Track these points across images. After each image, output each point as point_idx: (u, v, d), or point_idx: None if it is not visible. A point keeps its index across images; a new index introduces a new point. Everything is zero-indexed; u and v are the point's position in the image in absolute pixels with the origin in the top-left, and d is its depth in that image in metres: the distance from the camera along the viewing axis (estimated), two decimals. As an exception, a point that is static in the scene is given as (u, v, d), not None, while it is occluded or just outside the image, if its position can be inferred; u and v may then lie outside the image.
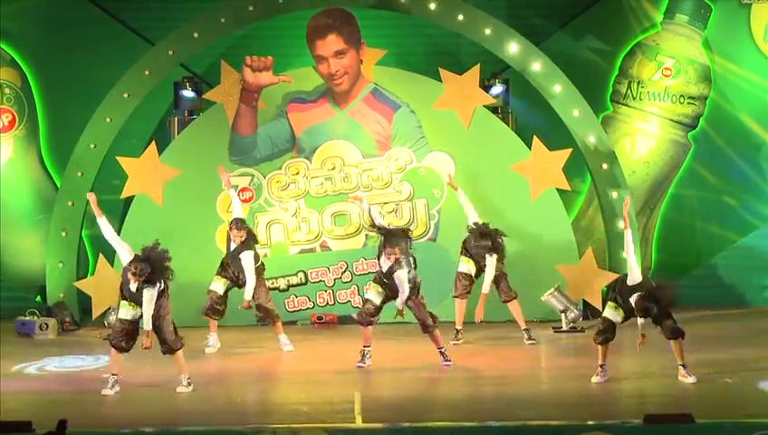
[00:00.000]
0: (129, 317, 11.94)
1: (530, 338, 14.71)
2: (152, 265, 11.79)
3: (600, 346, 12.34)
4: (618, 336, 12.56)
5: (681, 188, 17.78)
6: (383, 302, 13.23)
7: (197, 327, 15.57)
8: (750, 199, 17.71)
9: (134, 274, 11.71)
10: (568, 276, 16.12)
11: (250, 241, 14.36)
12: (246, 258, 14.15)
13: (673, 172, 17.78)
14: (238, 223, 14.34)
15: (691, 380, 12.13)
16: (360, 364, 13.15)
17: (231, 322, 16.09)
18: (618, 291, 12.40)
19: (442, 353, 13.23)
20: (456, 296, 14.87)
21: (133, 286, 11.76)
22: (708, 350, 13.91)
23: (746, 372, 12.55)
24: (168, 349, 12.04)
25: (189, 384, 12.04)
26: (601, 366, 12.31)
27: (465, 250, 14.80)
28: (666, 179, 17.77)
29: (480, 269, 14.65)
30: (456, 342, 14.57)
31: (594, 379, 12.28)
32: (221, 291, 14.50)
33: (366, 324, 13.19)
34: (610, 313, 12.41)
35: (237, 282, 14.48)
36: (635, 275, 12.18)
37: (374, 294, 13.21)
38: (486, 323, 15.09)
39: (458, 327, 14.72)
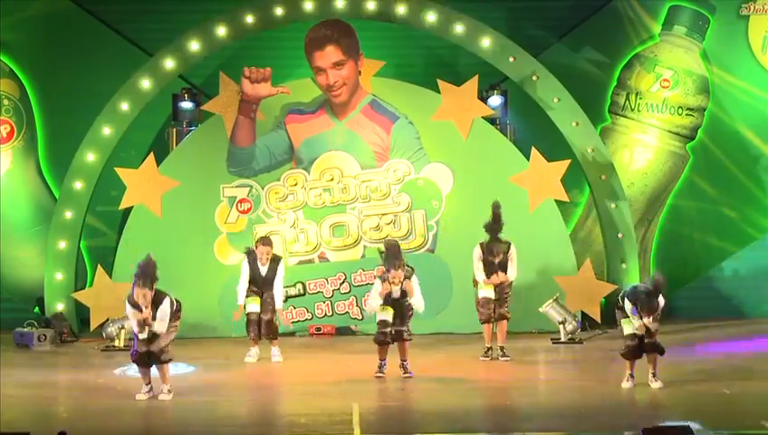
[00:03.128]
0: (144, 337, 11.98)
1: (504, 355, 14.35)
2: (147, 276, 11.89)
3: (627, 361, 12.31)
4: (616, 347, 12.58)
5: (679, 199, 17.80)
6: (394, 318, 13.21)
7: (194, 338, 15.61)
8: (748, 211, 17.72)
9: (143, 296, 11.82)
10: (566, 287, 16.11)
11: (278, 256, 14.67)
12: (281, 269, 14.40)
13: (671, 183, 17.80)
14: (265, 240, 14.50)
15: (657, 385, 12.13)
16: (380, 374, 13.09)
17: (229, 333, 16.11)
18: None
19: (404, 365, 13.17)
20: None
21: (146, 308, 11.85)
22: (706, 361, 13.92)
23: (744, 384, 12.53)
24: (156, 359, 12.00)
25: (170, 392, 12.06)
26: (631, 375, 12.29)
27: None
28: (664, 191, 17.79)
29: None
30: (485, 358, 14.35)
31: (624, 384, 12.25)
32: (258, 309, 14.32)
33: (386, 344, 13.16)
34: (629, 327, 12.22)
35: (264, 298, 14.38)
36: None
37: (387, 315, 13.09)
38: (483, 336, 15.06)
39: (488, 345, 14.41)
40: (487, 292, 14.31)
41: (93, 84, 17.28)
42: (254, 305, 14.31)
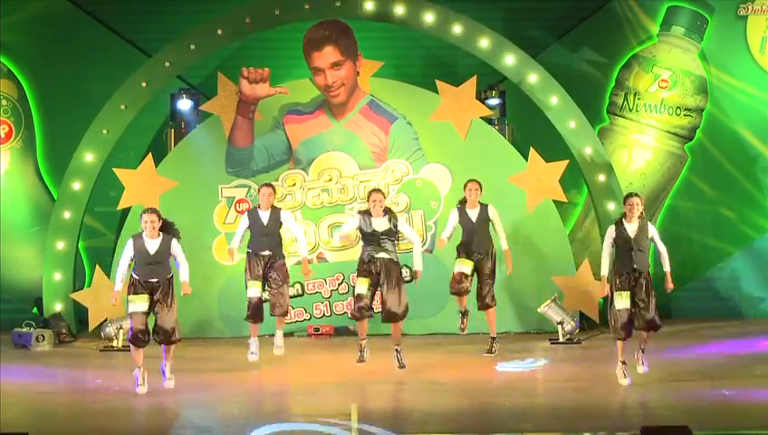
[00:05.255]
0: (142, 309, 12.25)
1: (490, 350, 14.45)
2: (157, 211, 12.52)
3: (620, 342, 12.45)
4: (613, 347, 12.63)
5: (678, 199, 17.81)
6: (373, 293, 13.31)
7: (194, 338, 15.61)
8: (746, 211, 17.73)
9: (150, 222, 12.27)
10: (564, 288, 16.13)
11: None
12: (287, 217, 14.04)
13: (670, 184, 17.81)
14: (267, 183, 14.23)
15: (642, 369, 12.36)
16: (361, 360, 13.23)
17: (227, 333, 16.13)
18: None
19: (398, 354, 13.30)
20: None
21: (151, 242, 12.24)
22: (705, 361, 13.93)
23: (743, 384, 12.54)
24: (166, 338, 12.36)
25: (171, 377, 12.49)
26: (623, 362, 12.44)
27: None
28: (662, 191, 17.80)
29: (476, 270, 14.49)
30: (462, 326, 14.52)
31: (621, 381, 12.37)
32: (259, 294, 13.96)
33: (361, 319, 13.27)
34: (622, 302, 12.40)
35: (267, 281, 13.96)
36: None
37: (363, 287, 13.25)
38: (482, 335, 15.06)
39: (462, 309, 14.54)
40: (463, 267, 14.34)
41: (91, 85, 17.30)
42: (254, 290, 13.93)
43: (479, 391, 12.64)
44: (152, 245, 12.33)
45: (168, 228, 12.47)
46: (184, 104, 17.05)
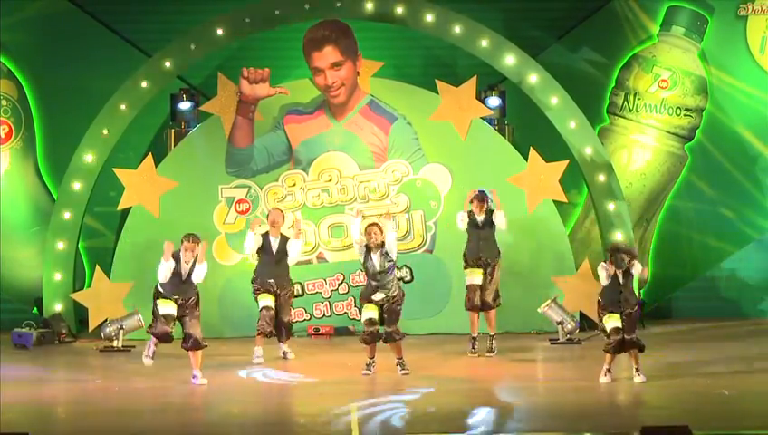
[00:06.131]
0: (171, 312, 12.86)
1: (491, 349, 14.62)
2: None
3: (608, 355, 12.72)
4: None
5: (678, 199, 17.80)
6: (381, 315, 13.34)
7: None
8: (746, 211, 17.72)
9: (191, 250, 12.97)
10: (564, 288, 16.12)
11: None
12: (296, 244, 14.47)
13: (670, 184, 17.80)
14: (277, 208, 15.07)
15: (641, 379, 12.53)
16: (366, 372, 13.27)
17: (227, 333, 16.12)
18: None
19: (400, 363, 13.33)
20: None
21: (185, 265, 12.90)
22: (705, 361, 13.92)
23: (742, 384, 12.54)
24: (195, 345, 12.78)
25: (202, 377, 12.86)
26: (608, 370, 12.69)
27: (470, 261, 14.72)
28: (662, 191, 17.79)
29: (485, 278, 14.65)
30: (473, 353, 14.59)
31: (602, 379, 12.63)
32: (272, 304, 14.31)
33: (371, 343, 13.32)
34: (613, 322, 12.64)
35: (278, 297, 14.37)
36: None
37: (370, 312, 13.28)
38: (482, 335, 15.05)
39: (473, 335, 14.69)
40: (472, 278, 14.52)
41: (92, 85, 17.29)
42: (267, 300, 14.26)
43: (479, 391, 12.64)
44: (185, 269, 12.91)
45: None
46: (184, 104, 17.05)
